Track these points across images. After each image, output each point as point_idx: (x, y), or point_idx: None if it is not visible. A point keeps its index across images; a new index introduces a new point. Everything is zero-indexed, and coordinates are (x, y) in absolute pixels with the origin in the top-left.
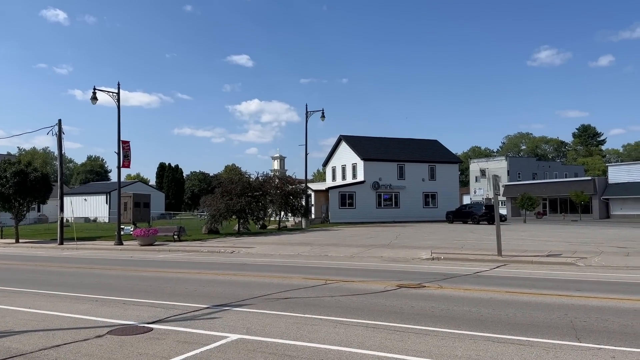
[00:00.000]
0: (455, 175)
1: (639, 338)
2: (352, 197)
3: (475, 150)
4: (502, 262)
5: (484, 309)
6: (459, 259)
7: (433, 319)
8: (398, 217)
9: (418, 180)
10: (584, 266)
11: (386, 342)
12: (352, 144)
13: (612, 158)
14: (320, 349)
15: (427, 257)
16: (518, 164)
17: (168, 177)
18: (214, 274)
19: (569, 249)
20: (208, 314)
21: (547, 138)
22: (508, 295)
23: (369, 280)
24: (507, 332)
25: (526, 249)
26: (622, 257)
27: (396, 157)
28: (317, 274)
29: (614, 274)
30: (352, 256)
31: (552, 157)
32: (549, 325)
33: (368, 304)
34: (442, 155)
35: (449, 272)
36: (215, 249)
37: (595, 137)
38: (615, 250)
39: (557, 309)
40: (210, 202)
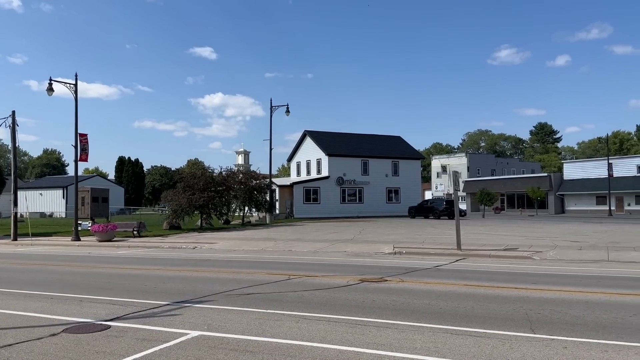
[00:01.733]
0: (417, 171)
1: (589, 329)
2: (316, 192)
3: (437, 147)
4: (462, 256)
5: (444, 301)
6: (420, 253)
7: (394, 312)
8: (362, 212)
9: (382, 175)
10: (539, 260)
11: (348, 336)
12: (316, 139)
13: (568, 155)
14: (282, 344)
15: (390, 251)
16: (478, 161)
17: (128, 172)
18: (175, 270)
19: (526, 243)
20: (168, 310)
21: (506, 135)
22: (466, 289)
23: (332, 275)
24: (465, 324)
25: (484, 243)
26: (576, 251)
27: (360, 152)
28: (280, 269)
29: (568, 267)
30: (316, 251)
31: (510, 154)
32: (505, 317)
33: (331, 298)
34: (405, 152)
35: (411, 266)
36: (177, 245)
37: (551, 135)
38: (569, 244)
39: (513, 301)
40: (172, 197)
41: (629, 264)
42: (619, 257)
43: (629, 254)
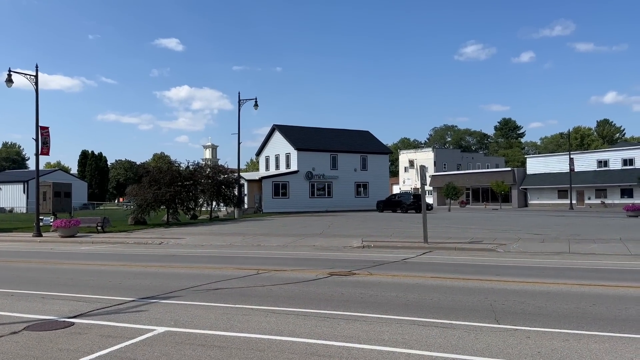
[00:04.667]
0: (385, 165)
1: (551, 318)
2: (285, 186)
3: (404, 142)
4: (428, 249)
5: (411, 294)
6: (388, 247)
7: (362, 305)
8: (331, 207)
9: (350, 170)
10: (503, 252)
11: (317, 329)
12: (285, 133)
13: (531, 150)
14: (251, 338)
15: (358, 245)
16: (444, 155)
17: (91, 166)
18: (141, 266)
19: (490, 236)
20: (134, 307)
21: (471, 130)
22: (433, 281)
23: (301, 269)
24: (432, 316)
25: (450, 236)
26: (538, 244)
27: (329, 147)
28: (249, 263)
29: (531, 259)
30: (285, 245)
31: (476, 149)
32: (471, 309)
33: (300, 292)
34: (373, 146)
35: (379, 259)
36: (142, 241)
37: (515, 130)
38: (532, 237)
39: (478, 292)
40: (137, 191)
41: (588, 255)
42: (580, 249)
43: (589, 246)
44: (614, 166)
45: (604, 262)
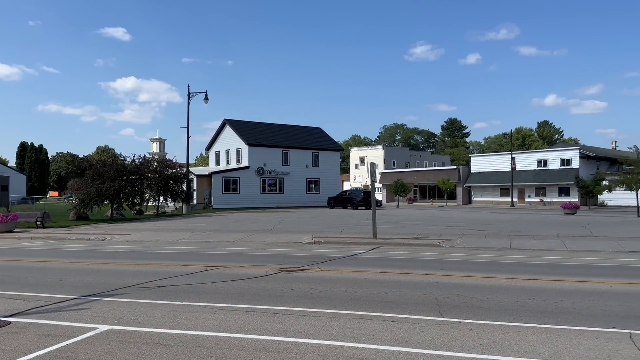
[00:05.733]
0: (337, 162)
1: (493, 311)
2: (236, 182)
3: (355, 139)
4: (377, 245)
5: (359, 289)
6: (339, 243)
7: (312, 301)
8: (282, 203)
9: (302, 166)
10: (448, 247)
11: (265, 325)
12: (236, 128)
13: (475, 149)
14: (198, 335)
15: (309, 241)
16: (393, 153)
17: (30, 158)
18: (83, 262)
19: (436, 232)
20: (75, 305)
21: (420, 129)
22: (381, 276)
23: (251, 265)
24: (379, 310)
25: (399, 232)
26: (481, 239)
27: (281, 143)
28: (197, 260)
29: (474, 255)
30: (235, 242)
31: (423, 147)
32: (417, 302)
33: (249, 288)
34: (325, 143)
35: (329, 255)
36: (85, 237)
37: (460, 130)
38: (475, 233)
39: (424, 287)
40: (80, 185)
41: (528, 251)
42: (520, 244)
43: (528, 242)
44: (552, 166)
45: (543, 257)
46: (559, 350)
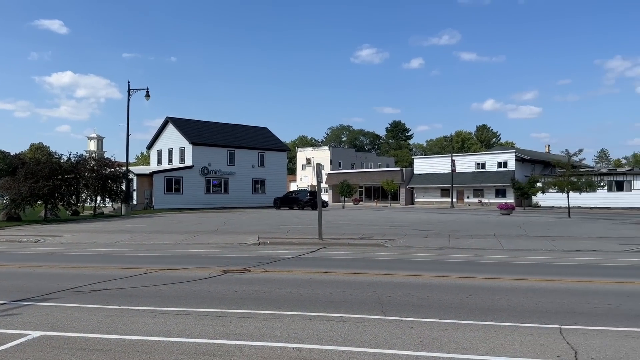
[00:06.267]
0: (283, 162)
1: (433, 309)
2: (179, 182)
3: (302, 140)
4: (323, 245)
5: (304, 289)
6: (284, 243)
7: (256, 302)
8: (227, 203)
9: (248, 166)
10: (391, 247)
11: (208, 328)
12: (180, 126)
13: (418, 151)
14: (137, 340)
15: (254, 242)
16: (340, 154)
17: None
18: (14, 265)
19: (380, 232)
20: (5, 310)
21: (365, 131)
22: (326, 276)
23: (193, 268)
24: (324, 310)
25: (344, 233)
26: (423, 239)
27: (226, 142)
28: (137, 263)
29: (416, 254)
30: (177, 243)
31: (369, 149)
32: (360, 302)
33: (191, 291)
34: (271, 143)
35: (274, 256)
36: (16, 238)
37: (404, 132)
38: (417, 233)
39: (368, 286)
40: (11, 185)
41: (467, 250)
42: (459, 244)
43: (467, 241)
44: (490, 168)
45: (480, 256)
46: (495, 346)
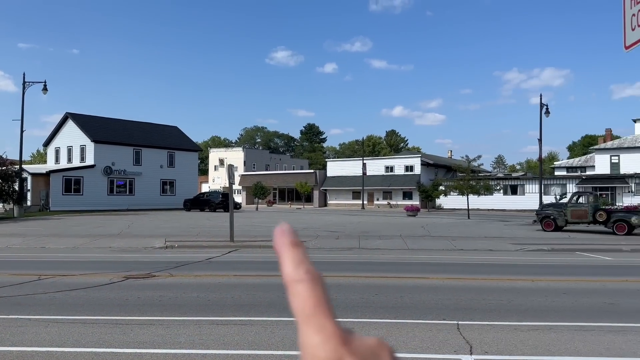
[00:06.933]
0: (194, 163)
1: (340, 309)
2: (79, 182)
3: (215, 140)
4: (234, 248)
5: (212, 293)
6: (194, 246)
7: (160, 308)
8: (133, 205)
9: (156, 166)
10: None
11: (106, 337)
12: (81, 123)
13: (331, 154)
14: (26, 352)
15: (161, 245)
16: (253, 156)
17: None
18: None
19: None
20: None
21: (280, 133)
22: (236, 279)
23: (92, 273)
24: (232, 314)
25: (256, 235)
26: (334, 240)
27: (133, 141)
28: (29, 268)
29: (327, 255)
30: (76, 247)
31: (283, 151)
32: (269, 304)
33: (89, 298)
34: (182, 143)
35: (182, 260)
36: None
37: (318, 135)
38: (328, 234)
39: (277, 288)
40: None
41: (375, 250)
42: (368, 244)
43: (375, 242)
44: (398, 172)
45: (387, 256)
46: (397, 343)
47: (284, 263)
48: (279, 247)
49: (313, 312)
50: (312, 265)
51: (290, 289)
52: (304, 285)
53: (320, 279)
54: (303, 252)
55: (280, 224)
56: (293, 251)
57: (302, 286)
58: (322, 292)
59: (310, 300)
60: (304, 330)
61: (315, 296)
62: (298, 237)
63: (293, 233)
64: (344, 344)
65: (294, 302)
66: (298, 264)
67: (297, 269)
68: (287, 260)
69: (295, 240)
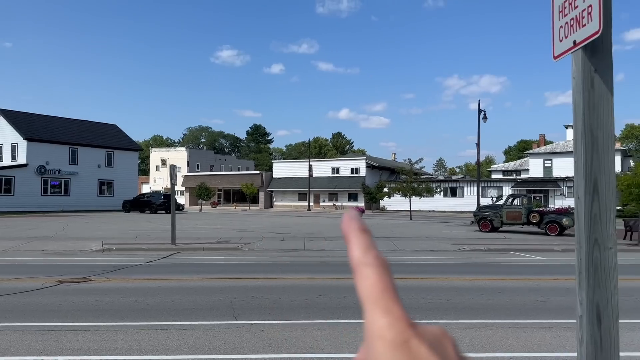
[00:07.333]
0: (135, 163)
1: (284, 311)
2: (9, 182)
3: (157, 139)
4: (176, 250)
5: (152, 297)
6: (133, 249)
7: (96, 314)
8: (69, 206)
9: (93, 166)
10: (247, 250)
11: (37, 345)
12: (12, 119)
13: (277, 156)
14: None
15: (98, 248)
16: (198, 156)
17: None
18: None
19: (237, 235)
20: None
21: (225, 133)
22: (176, 282)
23: (24, 278)
24: (171, 318)
25: (200, 237)
26: (279, 242)
27: (69, 139)
28: None
29: (272, 257)
30: (6, 251)
31: (229, 152)
32: (211, 308)
33: (19, 304)
34: (121, 142)
35: (120, 263)
36: None
37: (265, 136)
38: (274, 236)
39: (220, 291)
40: None
41: (320, 251)
42: (313, 246)
43: (320, 243)
44: (344, 173)
45: (332, 257)
46: (339, 344)
47: (352, 247)
48: (347, 232)
49: (381, 295)
50: (380, 252)
51: (358, 272)
52: (373, 270)
53: (388, 265)
54: (371, 238)
55: (348, 211)
56: (361, 236)
57: (371, 270)
58: (389, 278)
59: (379, 284)
60: (370, 312)
61: (383, 280)
62: (366, 224)
63: (361, 220)
64: (410, 327)
65: (361, 285)
66: (367, 249)
67: (366, 254)
68: (356, 244)
69: (363, 226)
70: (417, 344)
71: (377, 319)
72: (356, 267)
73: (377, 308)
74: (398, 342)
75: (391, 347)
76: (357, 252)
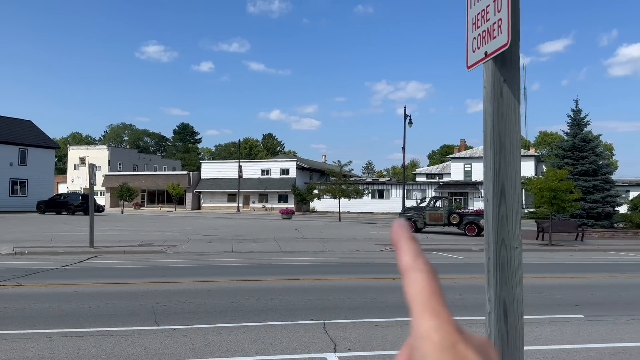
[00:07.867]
0: (51, 161)
1: (209, 315)
2: None
3: (75, 137)
4: (94, 254)
5: (67, 303)
6: (47, 253)
7: (5, 321)
8: None
9: (4, 164)
10: (172, 253)
11: None
12: None
13: (206, 156)
14: None
15: (9, 252)
16: (120, 155)
17: None
18: None
19: (162, 238)
20: None
21: (150, 132)
22: (94, 287)
23: None
24: (88, 325)
25: (120, 240)
26: (206, 244)
27: None
28: None
29: (198, 260)
30: None
31: (154, 151)
32: (131, 313)
33: None
34: (36, 139)
35: (33, 268)
36: None
37: (193, 136)
38: (201, 238)
39: (142, 296)
40: None
41: (248, 253)
42: (241, 248)
43: (249, 245)
44: (274, 175)
45: (260, 259)
46: (265, 346)
47: (402, 254)
48: (397, 240)
49: (429, 298)
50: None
51: (407, 277)
52: (422, 275)
53: (435, 271)
54: (419, 246)
55: (397, 220)
56: (411, 244)
57: (420, 275)
58: (437, 283)
59: (427, 288)
60: (419, 315)
61: (431, 285)
62: (414, 235)
63: (410, 229)
64: (458, 331)
65: (410, 288)
66: (416, 255)
67: (416, 260)
68: (405, 251)
69: (412, 235)
70: (464, 348)
71: (425, 321)
72: (405, 272)
73: (425, 311)
74: (445, 345)
75: (438, 349)
76: (406, 258)
